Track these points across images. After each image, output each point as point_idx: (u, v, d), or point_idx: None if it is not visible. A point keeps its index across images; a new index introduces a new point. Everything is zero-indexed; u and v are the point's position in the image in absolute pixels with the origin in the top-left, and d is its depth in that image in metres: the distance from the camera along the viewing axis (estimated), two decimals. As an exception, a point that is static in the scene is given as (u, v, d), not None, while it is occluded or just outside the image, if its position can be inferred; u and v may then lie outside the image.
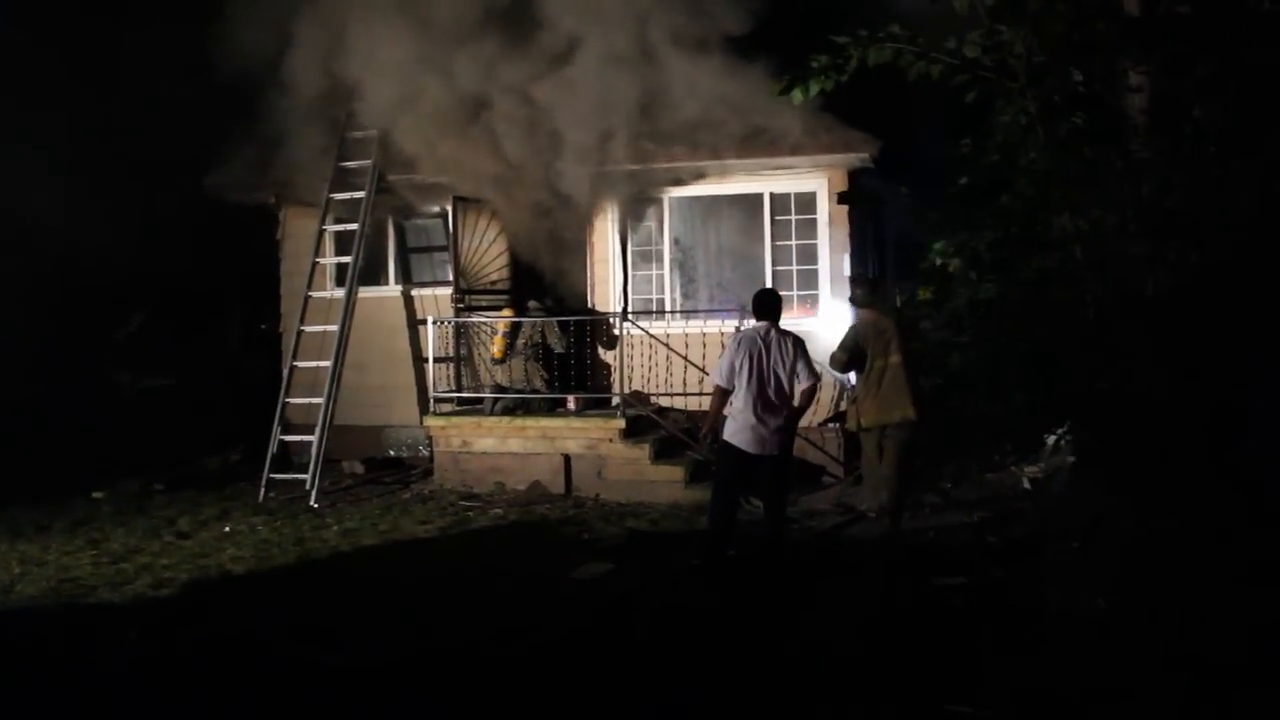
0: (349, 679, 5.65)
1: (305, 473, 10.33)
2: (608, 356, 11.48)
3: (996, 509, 8.84)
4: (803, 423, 7.41)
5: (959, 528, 8.50)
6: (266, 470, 10.52)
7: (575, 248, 11.60)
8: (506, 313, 11.17)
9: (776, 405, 7.08)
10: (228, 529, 9.36)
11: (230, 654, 6.12)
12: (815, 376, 7.20)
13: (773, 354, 7.06)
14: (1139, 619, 4.50)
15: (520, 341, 11.14)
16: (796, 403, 7.16)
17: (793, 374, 7.12)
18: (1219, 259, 4.91)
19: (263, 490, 10.43)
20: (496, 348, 11.15)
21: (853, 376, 8.02)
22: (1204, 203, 5.10)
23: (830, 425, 10.22)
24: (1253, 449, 4.38)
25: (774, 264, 11.12)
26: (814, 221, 11.05)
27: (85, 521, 9.73)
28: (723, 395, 7.10)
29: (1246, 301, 4.79)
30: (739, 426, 7.08)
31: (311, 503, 10.12)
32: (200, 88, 10.82)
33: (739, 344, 7.10)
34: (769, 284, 10.66)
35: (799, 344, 7.17)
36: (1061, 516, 6.40)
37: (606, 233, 11.64)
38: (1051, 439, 8.09)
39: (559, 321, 10.90)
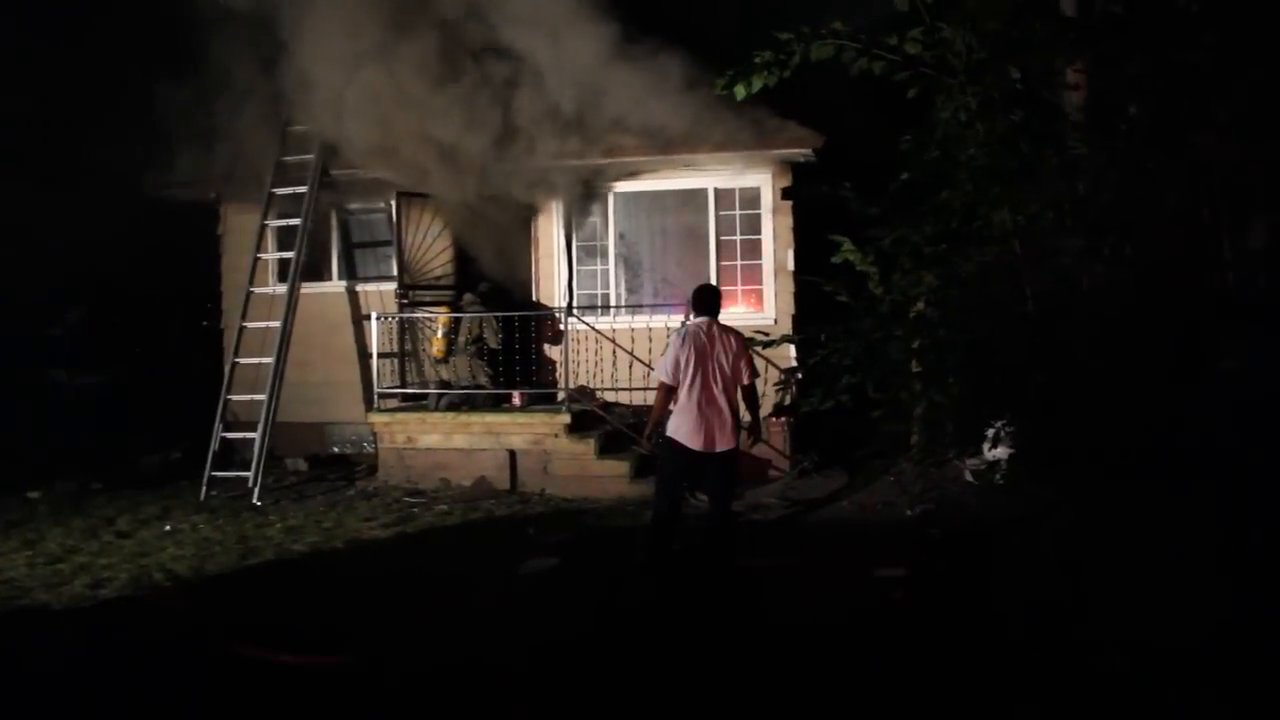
0: (295, 678, 5.60)
1: (248, 470, 10.23)
2: (553, 352, 11.43)
3: (938, 501, 8.93)
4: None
5: (902, 520, 8.56)
6: (208, 468, 10.40)
7: (520, 243, 11.51)
8: (443, 311, 11.04)
9: (721, 401, 6.96)
10: (168, 527, 9.23)
11: (171, 653, 6.04)
12: (757, 373, 7.10)
13: (716, 349, 6.93)
14: (1079, 608, 4.53)
15: (461, 339, 11.03)
16: (741, 399, 7.05)
17: (736, 369, 6.99)
18: (1150, 254, 5.01)
19: (204, 488, 10.32)
20: (436, 347, 11.02)
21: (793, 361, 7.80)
22: (1136, 199, 5.14)
23: (777, 419, 10.06)
24: (1188, 442, 4.46)
25: (719, 259, 11.10)
26: (758, 217, 11.05)
27: (20, 522, 9.52)
28: (667, 391, 6.97)
29: (1175, 295, 4.91)
30: (683, 422, 6.97)
31: (254, 500, 10.05)
32: (140, 82, 10.67)
33: (683, 339, 6.97)
34: (714, 280, 10.71)
35: (741, 339, 7.02)
36: (1001, 508, 6.42)
37: (551, 228, 11.56)
38: (991, 431, 8.09)
39: (498, 317, 10.74)
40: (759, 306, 10.92)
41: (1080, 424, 4.72)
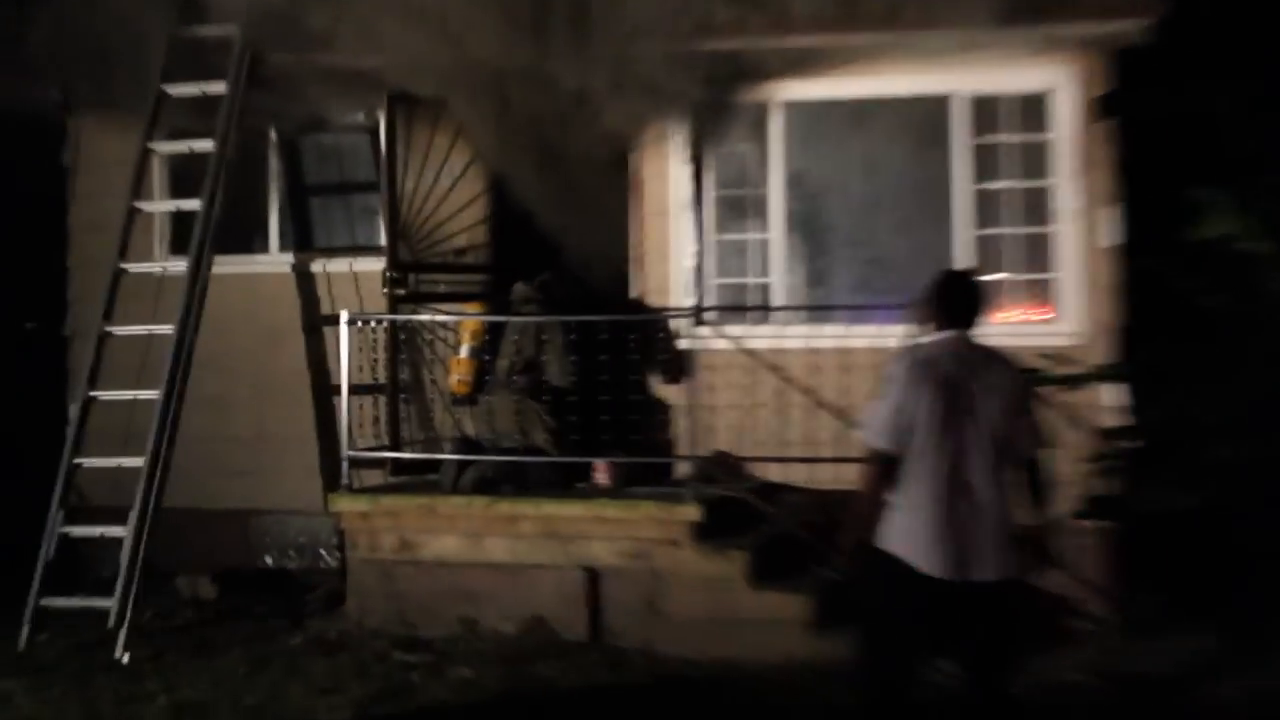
0: None
1: (109, 598, 9.56)
2: (668, 389, 10.83)
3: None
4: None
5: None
6: (35, 592, 9.76)
7: (610, 195, 10.99)
8: (471, 313, 10.77)
9: (982, 487, 6.48)
10: (-50, 706, 8.72)
11: None
12: (1048, 438, 6.78)
13: (974, 390, 6.53)
14: None
15: (502, 363, 10.48)
16: (1020, 483, 6.67)
17: (1011, 427, 6.53)
18: None
19: (26, 629, 9.68)
20: (458, 377, 10.59)
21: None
22: None
23: (1086, 525, 9.72)
24: None
25: (977, 223, 10.45)
26: (1047, 148, 10.47)
27: None
28: (883, 467, 6.54)
29: None
30: (913, 525, 6.49)
31: (119, 654, 9.36)
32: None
33: (912, 373, 6.55)
34: (966, 262, 10.09)
35: (1020, 374, 6.73)
36: None
37: (667, 167, 10.96)
38: None
39: (570, 326, 10.34)
40: (1049, 311, 10.38)
41: None
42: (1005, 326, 9.73)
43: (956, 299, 6.82)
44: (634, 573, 9.65)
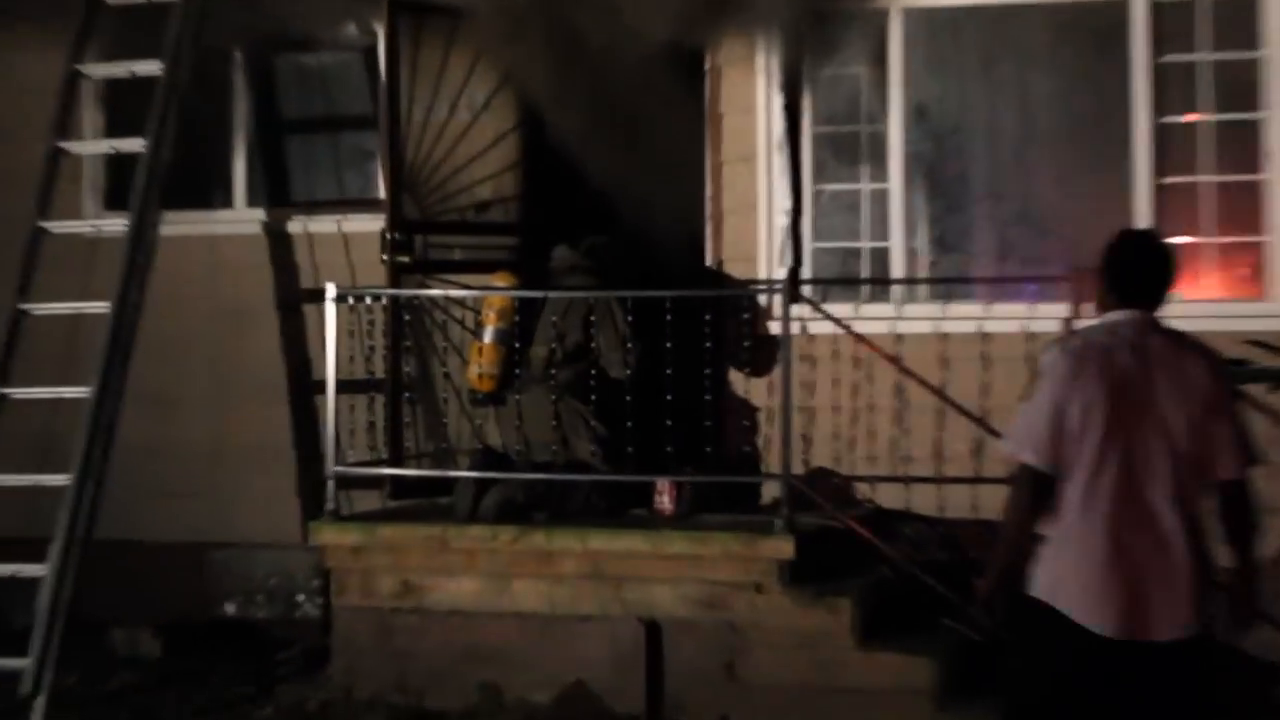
0: None
1: (23, 656, 8.98)
2: (753, 386, 10.20)
3: None
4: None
5: None
6: None
7: (678, 133, 10.53)
8: (497, 287, 10.19)
9: (1166, 516, 5.98)
10: None
11: None
12: (1258, 456, 6.29)
13: (1159, 391, 6.08)
14: None
15: (540, 350, 9.99)
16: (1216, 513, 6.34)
17: (1204, 442, 6.06)
18: None
19: None
20: (480, 367, 10.05)
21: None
22: None
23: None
24: None
25: (1156, 170, 9.60)
26: (1252, 67, 9.68)
27: None
28: (1036, 491, 6.10)
29: None
30: (1075, 568, 6.01)
31: None
32: None
33: (1075, 367, 6.12)
34: (1145, 219, 9.53)
35: (1220, 371, 6.35)
36: None
37: (753, 95, 10.36)
38: None
39: (624, 303, 9.78)
40: (1257, 286, 9.72)
41: None
42: (1200, 305, 9.10)
43: (1134, 269, 6.20)
44: (706, 626, 9.15)
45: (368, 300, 10.01)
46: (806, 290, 9.78)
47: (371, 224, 10.32)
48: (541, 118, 10.42)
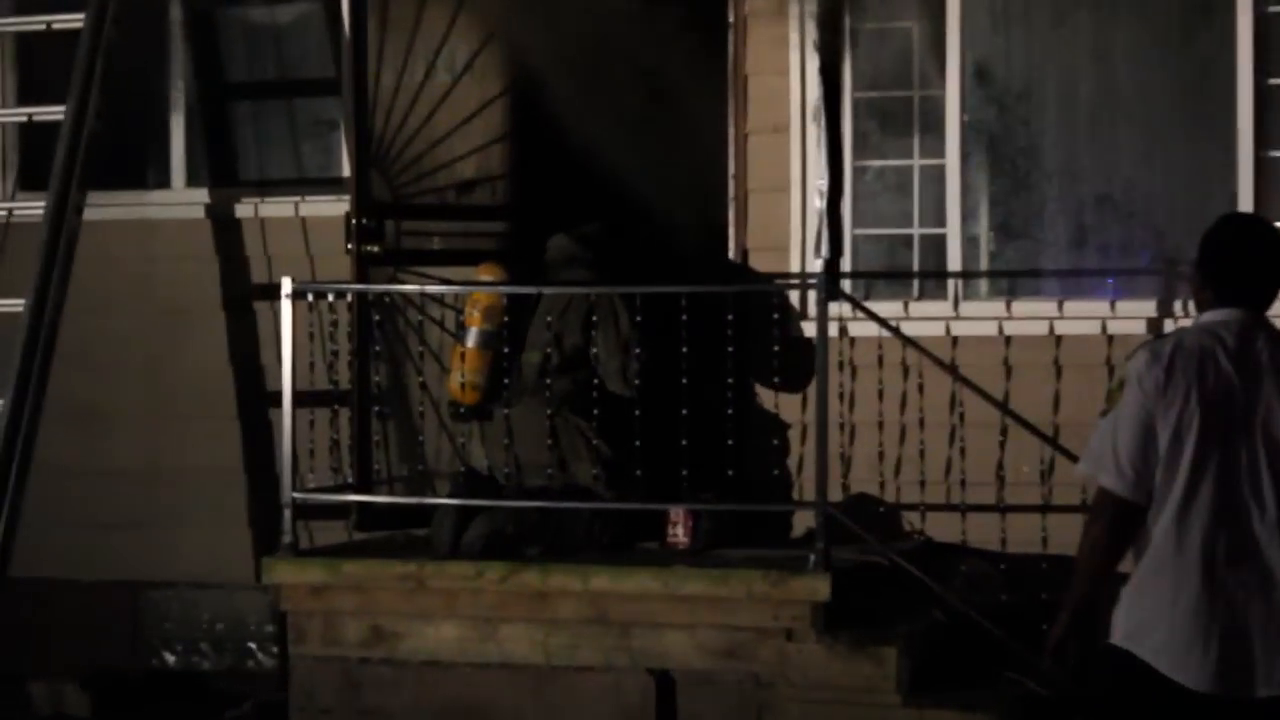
0: None
1: None
2: (783, 398, 9.72)
3: None
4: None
5: None
6: None
7: (697, 96, 10.24)
8: (483, 282, 9.82)
9: (1273, 550, 5.32)
10: None
11: None
12: None
13: (1265, 405, 5.49)
14: None
15: (533, 356, 9.57)
16: None
17: None
18: None
19: None
20: (463, 374, 9.63)
21: None
22: None
23: None
24: None
25: (1259, 143, 9.08)
26: None
27: None
28: (1118, 522, 5.49)
29: None
30: (1164, 611, 5.36)
31: None
32: None
33: (1166, 375, 5.54)
34: (1250, 202, 9.18)
35: None
36: None
37: (785, 55, 9.82)
38: None
39: (633, 299, 9.40)
40: None
41: None
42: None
43: (1238, 261, 5.67)
44: (727, 679, 8.65)
45: (330, 297, 9.42)
46: (846, 285, 9.29)
47: (334, 207, 9.82)
48: (535, 81, 10.13)
